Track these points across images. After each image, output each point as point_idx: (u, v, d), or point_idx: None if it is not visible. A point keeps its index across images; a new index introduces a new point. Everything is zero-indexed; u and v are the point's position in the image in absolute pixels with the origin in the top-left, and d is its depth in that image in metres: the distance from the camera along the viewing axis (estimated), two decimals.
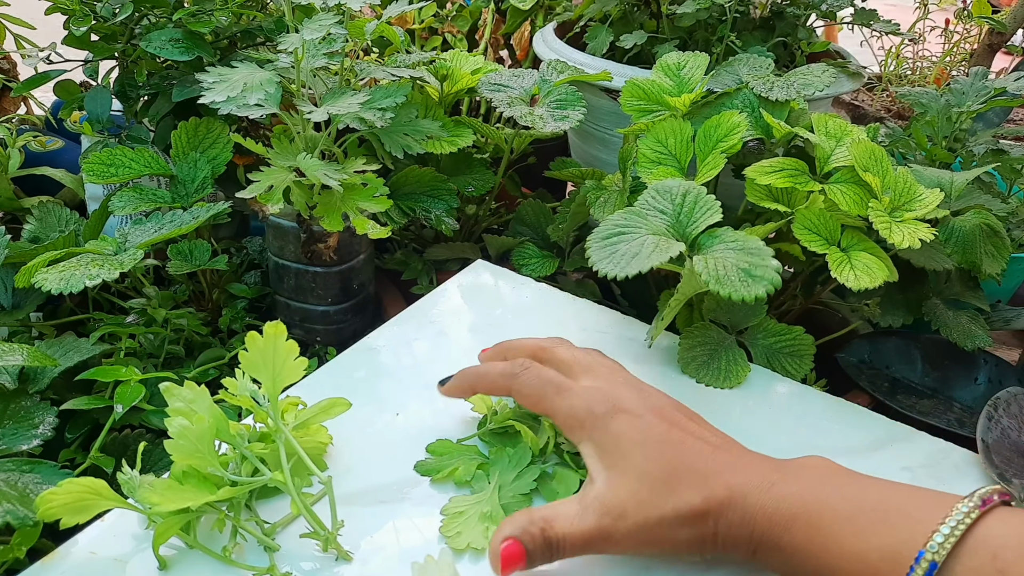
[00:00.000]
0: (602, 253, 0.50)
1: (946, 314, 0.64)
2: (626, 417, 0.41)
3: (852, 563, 0.35)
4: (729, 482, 0.39)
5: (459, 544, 0.41)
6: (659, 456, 0.39)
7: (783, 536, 0.37)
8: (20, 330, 0.62)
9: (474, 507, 0.43)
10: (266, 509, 0.43)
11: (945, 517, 0.34)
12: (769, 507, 0.37)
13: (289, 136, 0.64)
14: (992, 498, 0.35)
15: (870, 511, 0.36)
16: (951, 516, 0.34)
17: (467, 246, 0.79)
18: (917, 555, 0.34)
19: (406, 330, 0.59)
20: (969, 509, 0.34)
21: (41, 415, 0.50)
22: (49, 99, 0.95)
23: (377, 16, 0.87)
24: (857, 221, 0.56)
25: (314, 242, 0.64)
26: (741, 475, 0.39)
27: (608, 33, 0.84)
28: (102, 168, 0.64)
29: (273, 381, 0.41)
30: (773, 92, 0.64)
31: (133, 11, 0.67)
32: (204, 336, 0.66)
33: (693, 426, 0.42)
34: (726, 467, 0.39)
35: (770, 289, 0.46)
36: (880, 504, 0.36)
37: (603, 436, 0.41)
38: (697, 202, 0.52)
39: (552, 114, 0.71)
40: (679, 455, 0.39)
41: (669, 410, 0.43)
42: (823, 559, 0.36)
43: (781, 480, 0.38)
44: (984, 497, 0.35)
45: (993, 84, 0.74)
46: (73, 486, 0.37)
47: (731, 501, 0.38)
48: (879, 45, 1.40)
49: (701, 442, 0.41)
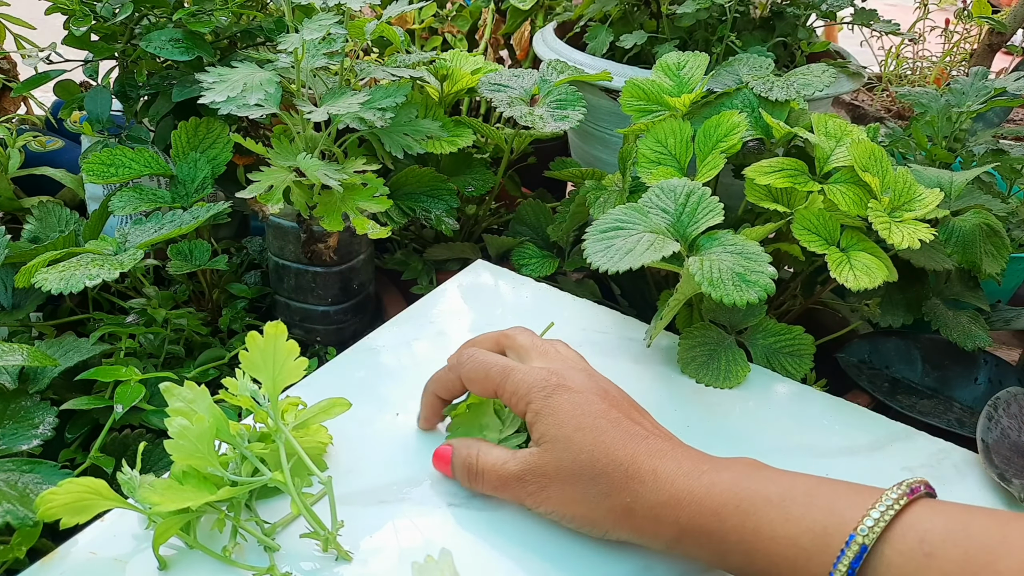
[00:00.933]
0: (597, 246, 0.50)
1: (946, 314, 0.64)
2: (568, 394, 0.42)
3: (783, 546, 0.36)
4: (656, 465, 0.40)
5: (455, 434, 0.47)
6: (591, 429, 0.41)
7: (711, 521, 0.38)
8: (20, 330, 0.62)
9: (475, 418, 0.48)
10: (266, 509, 0.43)
11: (875, 503, 0.35)
12: (699, 492, 0.38)
13: (289, 136, 0.64)
14: (919, 488, 0.36)
15: (801, 496, 0.37)
16: (880, 503, 0.35)
17: (467, 246, 0.79)
18: (848, 538, 0.35)
19: (406, 330, 0.59)
20: (898, 496, 0.36)
21: (41, 415, 0.50)
22: (49, 99, 0.95)
23: (377, 16, 0.87)
24: (857, 221, 0.56)
25: (314, 242, 0.64)
26: (671, 461, 0.40)
27: (608, 33, 0.84)
28: (102, 168, 0.64)
29: (273, 381, 0.41)
30: (773, 92, 0.64)
31: (133, 11, 0.67)
32: (204, 336, 0.66)
33: (636, 414, 0.43)
34: (657, 452, 0.40)
35: (763, 295, 0.47)
36: (810, 491, 0.37)
37: (542, 406, 0.42)
38: (700, 203, 0.52)
39: (552, 114, 0.71)
40: (611, 432, 0.41)
41: (615, 395, 0.44)
42: (754, 543, 0.37)
43: (712, 469, 0.39)
44: (912, 486, 0.36)
45: (993, 84, 0.74)
46: (73, 486, 0.37)
47: (655, 482, 0.39)
48: (879, 45, 1.40)
49: (638, 427, 0.42)
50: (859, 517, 0.35)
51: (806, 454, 0.50)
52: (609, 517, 0.41)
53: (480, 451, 0.44)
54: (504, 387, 0.44)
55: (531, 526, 0.43)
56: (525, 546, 0.42)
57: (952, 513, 0.35)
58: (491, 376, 0.45)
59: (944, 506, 0.36)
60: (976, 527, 0.34)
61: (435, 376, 0.49)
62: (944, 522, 0.35)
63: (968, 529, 0.34)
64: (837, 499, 0.37)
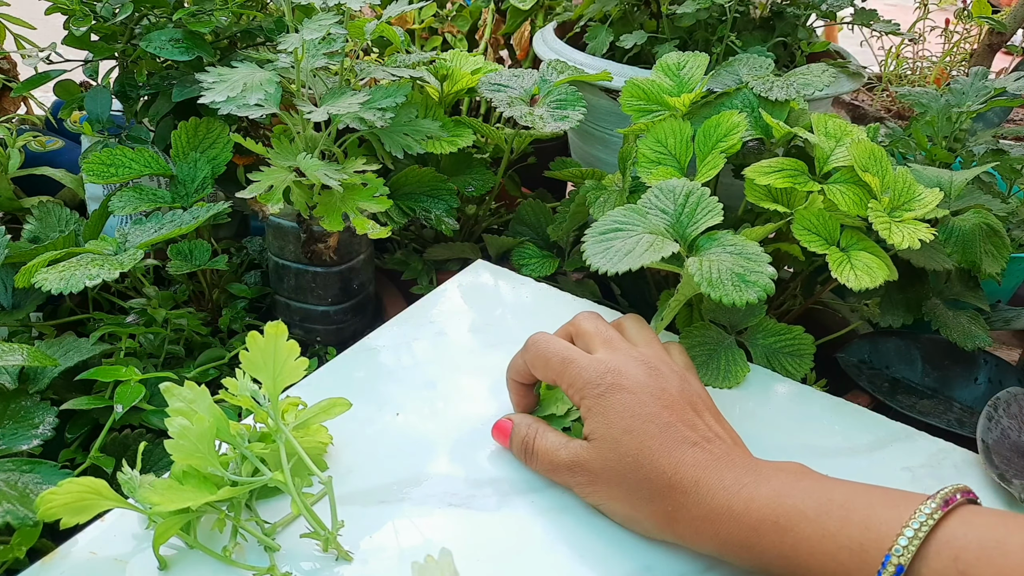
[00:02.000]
0: (596, 248, 0.50)
1: (946, 314, 0.64)
2: (620, 394, 0.42)
3: (822, 562, 0.36)
4: (699, 476, 0.40)
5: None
6: (639, 433, 0.41)
7: (750, 536, 0.38)
8: (20, 330, 0.62)
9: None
10: (266, 509, 0.43)
11: (909, 519, 0.35)
12: (737, 508, 0.39)
13: (289, 136, 0.64)
14: (955, 498, 0.36)
15: (837, 510, 0.37)
16: (914, 519, 0.35)
17: (467, 246, 0.79)
18: (884, 559, 0.35)
19: (406, 330, 0.59)
20: (931, 511, 0.35)
21: (41, 415, 0.50)
22: (49, 99, 0.95)
23: (377, 16, 0.87)
24: (856, 221, 0.56)
25: (314, 242, 0.64)
26: (714, 473, 0.40)
27: (608, 33, 0.84)
28: (102, 168, 0.64)
29: (273, 381, 0.41)
30: (773, 92, 0.64)
31: (133, 11, 0.67)
32: (204, 336, 0.66)
33: (691, 416, 0.43)
34: (701, 462, 0.40)
35: (762, 296, 0.47)
36: (846, 503, 0.37)
37: (594, 404, 0.43)
38: (699, 203, 0.52)
39: (552, 114, 0.71)
40: (659, 437, 0.41)
41: (672, 395, 0.43)
42: (793, 559, 0.37)
43: (752, 483, 0.39)
44: (946, 498, 0.36)
45: (993, 84, 0.74)
46: (73, 486, 0.37)
47: (697, 494, 0.39)
48: (879, 45, 1.40)
49: (689, 431, 0.42)
50: (894, 534, 0.35)
51: (806, 454, 0.50)
52: (652, 521, 0.41)
53: (538, 433, 0.46)
54: (562, 378, 0.45)
55: (531, 526, 0.43)
56: (525, 546, 0.42)
57: (989, 527, 0.35)
58: (551, 366, 0.45)
59: (980, 519, 0.36)
60: (1014, 543, 0.34)
61: (511, 362, 0.49)
62: (979, 538, 0.34)
63: (1004, 547, 0.34)
64: (873, 513, 0.36)
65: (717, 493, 0.39)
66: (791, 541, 0.37)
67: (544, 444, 0.45)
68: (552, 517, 0.44)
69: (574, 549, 0.42)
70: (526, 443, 0.46)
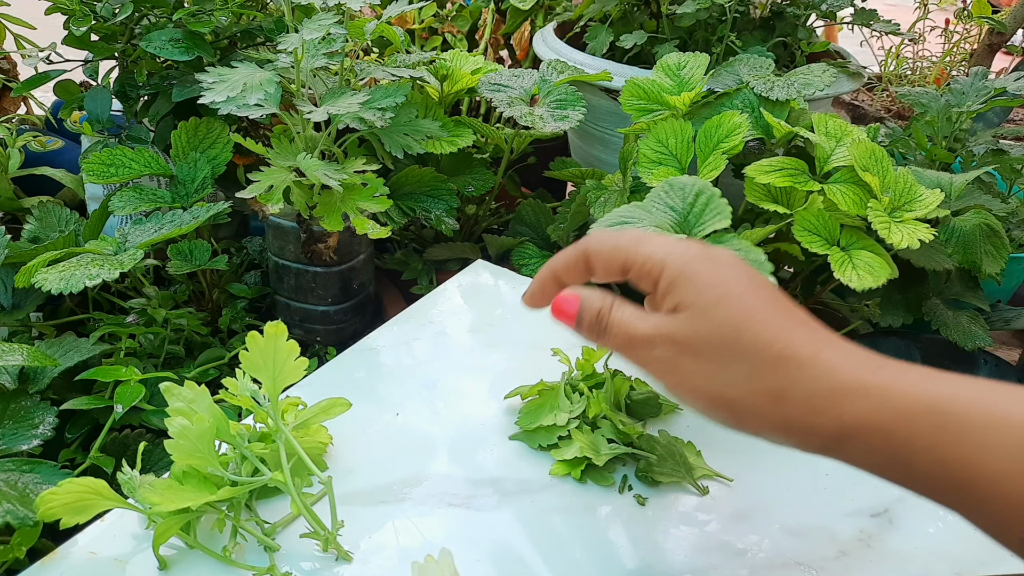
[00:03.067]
0: None
1: (946, 314, 0.64)
2: (711, 263, 0.36)
3: (999, 458, 0.29)
4: (819, 350, 0.33)
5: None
6: (738, 300, 0.35)
7: (893, 420, 0.31)
8: (20, 330, 0.62)
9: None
10: (266, 509, 0.43)
11: None
12: (875, 386, 0.32)
13: (289, 136, 0.64)
14: None
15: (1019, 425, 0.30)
16: None
17: (467, 246, 0.79)
18: None
19: (406, 330, 0.59)
20: None
21: (41, 415, 0.50)
22: (49, 99, 0.95)
23: (377, 16, 0.87)
24: (856, 221, 0.56)
25: (314, 242, 0.64)
26: (838, 349, 0.34)
27: (608, 33, 0.84)
28: (102, 168, 0.64)
29: (273, 381, 0.41)
30: (773, 92, 0.64)
31: (133, 11, 0.67)
32: (204, 336, 0.66)
33: (790, 302, 0.36)
34: (819, 338, 0.34)
35: None
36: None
37: (682, 272, 0.36)
38: (709, 204, 0.52)
39: (552, 114, 0.71)
40: (763, 308, 0.35)
41: (765, 280, 0.37)
42: (951, 452, 0.30)
43: (889, 367, 0.33)
44: None
45: (993, 84, 0.74)
46: (73, 486, 0.37)
47: (816, 368, 0.33)
48: (879, 45, 1.40)
49: (796, 310, 0.35)
50: None
51: (806, 453, 0.49)
52: (752, 402, 0.34)
53: (614, 304, 0.38)
54: (636, 254, 0.37)
55: (531, 526, 0.43)
56: (525, 546, 0.42)
57: None
58: (621, 245, 0.38)
59: None
60: None
61: (559, 253, 0.41)
62: None
63: None
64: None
65: (845, 369, 0.32)
66: (955, 426, 0.30)
67: (620, 315, 0.37)
68: (552, 517, 0.44)
69: (574, 549, 0.42)
70: (601, 316, 0.38)
